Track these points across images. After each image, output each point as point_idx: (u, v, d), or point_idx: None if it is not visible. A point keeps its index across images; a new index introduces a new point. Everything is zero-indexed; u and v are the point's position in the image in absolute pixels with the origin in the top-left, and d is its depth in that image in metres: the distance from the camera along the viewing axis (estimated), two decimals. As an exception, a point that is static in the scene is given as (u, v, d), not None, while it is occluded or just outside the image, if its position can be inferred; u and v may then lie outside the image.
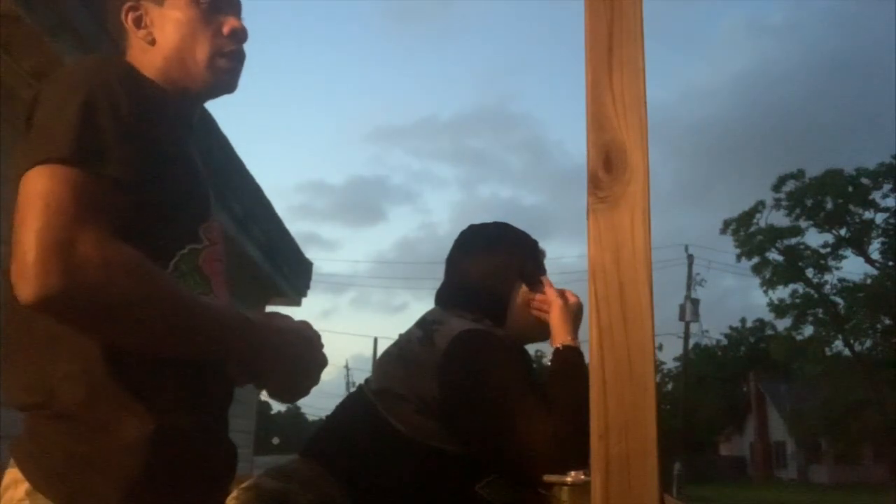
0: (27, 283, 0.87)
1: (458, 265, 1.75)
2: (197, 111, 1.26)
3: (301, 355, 1.10)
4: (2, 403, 1.05)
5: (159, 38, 1.17)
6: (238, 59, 1.22)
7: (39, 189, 0.91)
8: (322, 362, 1.13)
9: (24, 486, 0.97)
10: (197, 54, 1.17)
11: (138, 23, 1.18)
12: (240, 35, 1.21)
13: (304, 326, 1.13)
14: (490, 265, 1.70)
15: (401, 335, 1.69)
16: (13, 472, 0.99)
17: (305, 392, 1.12)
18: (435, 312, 1.69)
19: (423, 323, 1.66)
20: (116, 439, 0.97)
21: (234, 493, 1.43)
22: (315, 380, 1.12)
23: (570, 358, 1.54)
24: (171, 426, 1.00)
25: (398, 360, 1.62)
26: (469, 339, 1.55)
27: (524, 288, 1.70)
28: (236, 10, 1.24)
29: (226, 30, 1.20)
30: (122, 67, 1.10)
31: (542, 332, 1.74)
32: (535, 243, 1.78)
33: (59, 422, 0.98)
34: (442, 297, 1.74)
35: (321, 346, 1.14)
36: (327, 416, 1.72)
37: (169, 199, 1.05)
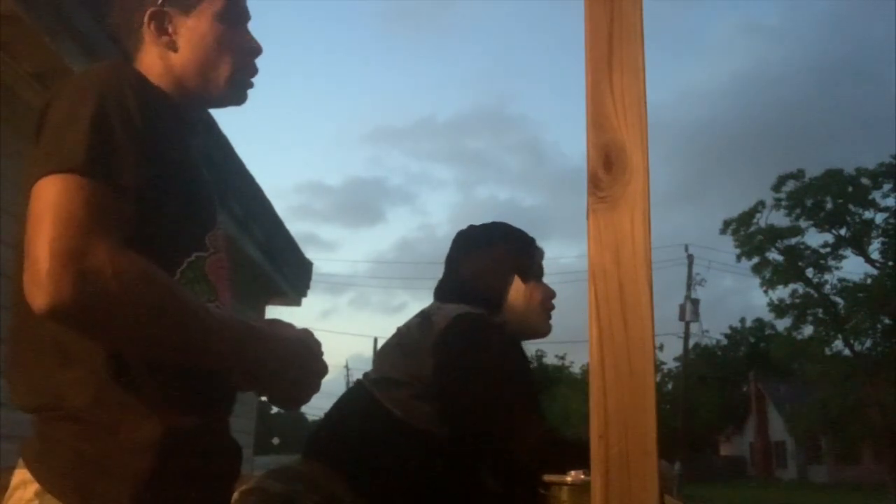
0: (40, 293, 0.88)
1: (456, 262, 1.78)
2: (203, 118, 1.28)
3: (303, 363, 1.11)
4: (3, 403, 1.06)
5: (182, 47, 1.18)
6: (255, 74, 1.26)
7: (51, 199, 0.92)
8: (322, 370, 1.14)
9: (34, 486, 0.97)
10: (219, 68, 1.19)
11: (161, 29, 1.18)
12: (258, 52, 1.25)
13: (306, 335, 1.14)
14: (486, 261, 1.74)
15: (399, 328, 1.72)
16: (22, 473, 1.00)
17: (306, 399, 1.13)
18: (433, 305, 1.73)
19: (422, 314, 1.69)
20: (124, 440, 0.98)
21: (235, 496, 1.43)
22: (316, 387, 1.13)
23: None
24: (178, 428, 1.01)
25: (396, 347, 1.65)
26: (466, 320, 1.59)
27: (519, 282, 1.72)
28: (248, 22, 1.26)
29: (247, 47, 1.23)
30: (133, 75, 1.10)
31: (537, 328, 1.77)
32: (531, 240, 1.81)
33: (68, 423, 0.99)
34: (440, 291, 1.77)
35: (322, 353, 1.15)
36: (326, 414, 1.73)
37: (177, 207, 1.06)
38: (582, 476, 1.31)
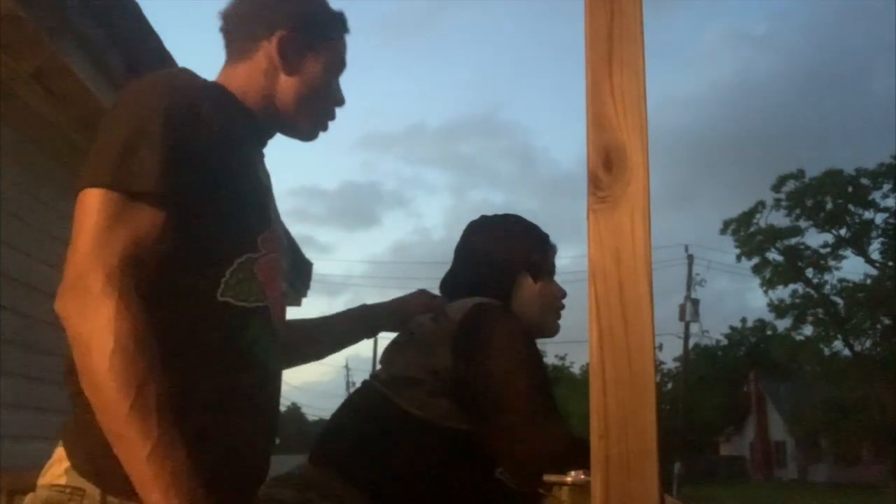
0: (58, 295, 0.99)
1: (465, 254, 1.74)
2: (272, 134, 1.34)
3: None
4: (3, 404, 1.08)
5: (299, 74, 1.27)
6: (332, 119, 1.38)
7: (80, 214, 1.02)
8: None
9: (65, 463, 1.04)
10: (312, 107, 1.30)
11: (285, 52, 1.25)
12: (342, 104, 1.38)
13: None
14: (495, 256, 1.68)
15: (405, 326, 1.66)
16: (60, 450, 1.07)
17: None
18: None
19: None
20: None
21: None
22: None
23: None
24: (201, 425, 1.02)
25: (407, 345, 1.59)
26: (485, 310, 1.53)
27: (530, 280, 1.68)
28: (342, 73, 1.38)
29: (336, 97, 1.35)
30: (191, 85, 1.14)
31: (546, 327, 1.73)
32: (544, 237, 1.76)
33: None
34: (447, 286, 1.72)
35: None
36: (333, 416, 1.65)
37: (229, 211, 1.12)
38: (582, 476, 1.30)
